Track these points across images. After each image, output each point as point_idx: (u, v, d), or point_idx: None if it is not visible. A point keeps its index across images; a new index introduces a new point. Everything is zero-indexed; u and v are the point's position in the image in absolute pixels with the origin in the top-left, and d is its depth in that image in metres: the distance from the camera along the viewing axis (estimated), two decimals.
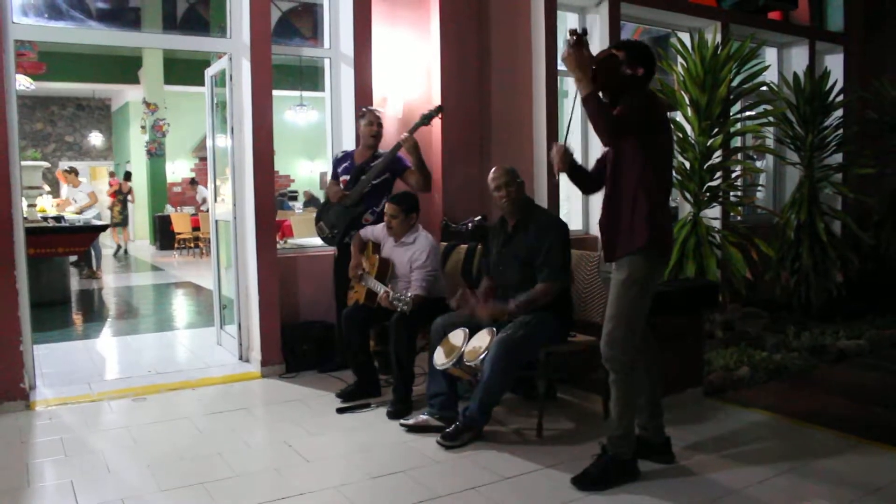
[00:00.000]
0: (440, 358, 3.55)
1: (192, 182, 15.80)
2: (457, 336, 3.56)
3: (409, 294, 3.80)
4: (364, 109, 4.72)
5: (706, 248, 5.24)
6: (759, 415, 3.86)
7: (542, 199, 5.51)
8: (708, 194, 5.42)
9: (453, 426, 3.46)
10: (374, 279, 4.13)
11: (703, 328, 4.33)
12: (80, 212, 9.96)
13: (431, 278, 4.05)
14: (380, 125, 4.64)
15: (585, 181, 3.31)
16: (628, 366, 2.96)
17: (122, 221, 14.34)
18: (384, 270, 4.17)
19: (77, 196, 10.38)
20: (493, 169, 3.67)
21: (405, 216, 4.10)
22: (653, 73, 3.00)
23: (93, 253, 10.32)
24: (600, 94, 2.87)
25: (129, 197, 14.40)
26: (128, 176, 15.30)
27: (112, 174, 16.45)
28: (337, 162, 4.80)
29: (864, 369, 4.76)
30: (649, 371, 3.13)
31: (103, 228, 9.15)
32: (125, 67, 15.47)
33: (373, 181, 4.50)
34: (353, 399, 4.12)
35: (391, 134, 5.37)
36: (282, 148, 4.91)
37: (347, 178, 4.63)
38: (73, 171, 10.67)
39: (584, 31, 2.89)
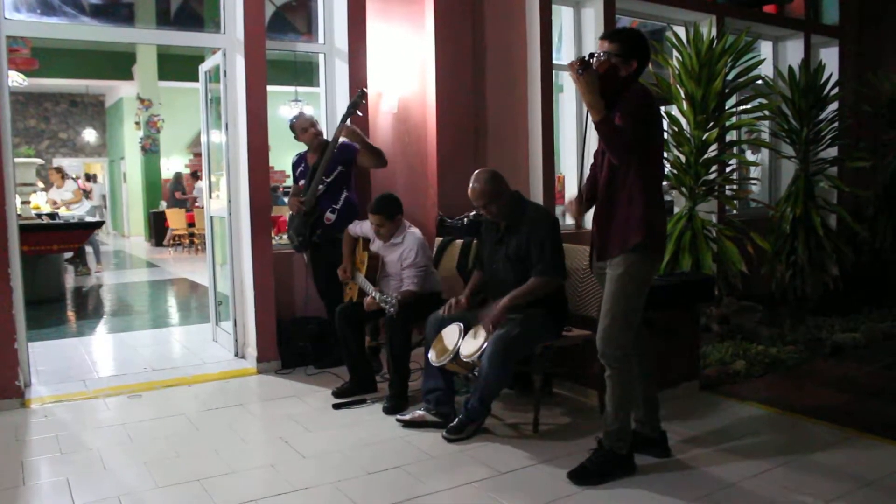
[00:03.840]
0: (436, 354, 3.55)
1: (194, 175, 15.89)
2: (452, 332, 3.56)
3: (395, 296, 3.79)
4: (291, 121, 4.70)
5: (702, 242, 5.24)
6: (755, 408, 3.88)
7: (537, 196, 5.52)
8: (703, 188, 5.42)
9: (457, 419, 3.46)
10: (364, 277, 4.13)
11: (699, 322, 4.34)
12: (65, 207, 9.98)
13: (423, 274, 4.05)
14: (313, 124, 4.65)
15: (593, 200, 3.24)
16: (624, 361, 2.96)
17: None
18: (374, 266, 4.17)
19: (64, 196, 10.39)
20: (472, 186, 3.55)
21: (391, 221, 4.09)
22: (647, 61, 2.97)
23: (89, 249, 10.30)
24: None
25: (90, 195, 14.50)
26: (88, 178, 15.47)
27: (77, 177, 16.53)
28: (294, 167, 4.84)
29: (860, 362, 4.77)
30: (643, 365, 3.14)
31: (98, 225, 9.12)
32: (119, 63, 15.41)
33: (326, 179, 4.51)
34: (350, 396, 4.12)
35: (384, 130, 5.36)
36: (277, 143, 4.91)
37: (303, 182, 4.65)
38: (59, 171, 10.69)
39: (591, 56, 2.87)
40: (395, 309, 3.75)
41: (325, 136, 4.86)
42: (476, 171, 3.62)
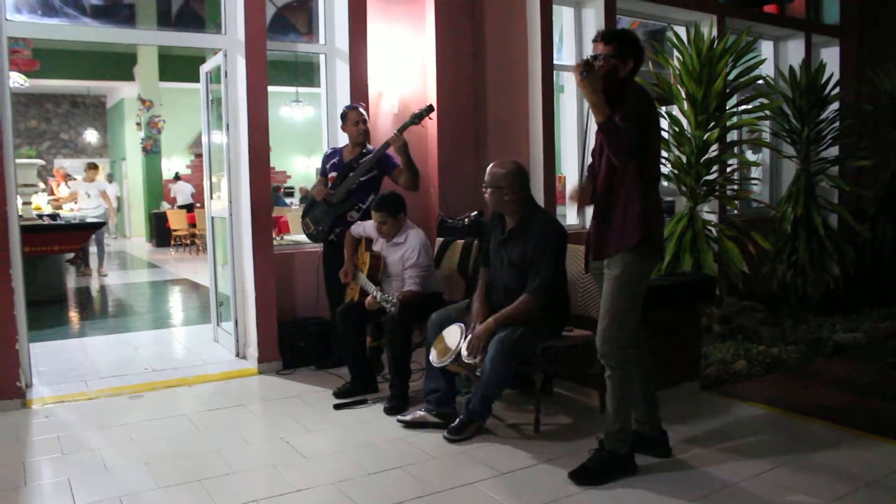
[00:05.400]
0: (437, 355, 3.55)
1: (175, 177, 16.10)
2: (453, 332, 3.56)
3: (397, 295, 3.79)
4: (346, 109, 4.65)
5: (703, 242, 5.24)
6: (756, 408, 3.87)
7: (538, 196, 5.50)
8: (704, 188, 5.42)
9: (458, 420, 3.46)
10: (366, 277, 4.12)
11: (700, 322, 4.34)
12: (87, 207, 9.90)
13: (425, 274, 4.04)
14: (365, 122, 4.61)
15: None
16: (624, 361, 2.96)
17: None
18: (376, 266, 4.16)
19: (91, 191, 10.10)
20: (491, 164, 3.55)
21: (394, 220, 4.08)
22: (642, 60, 2.98)
23: (93, 249, 10.27)
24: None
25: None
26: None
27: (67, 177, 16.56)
28: (326, 158, 4.77)
29: (861, 362, 4.76)
30: (642, 365, 3.13)
31: (100, 226, 9.11)
32: (120, 64, 15.42)
33: (360, 178, 4.48)
34: (351, 397, 4.12)
35: (385, 129, 5.36)
36: (278, 144, 4.90)
37: (335, 174, 4.59)
38: (95, 167, 10.43)
39: (595, 58, 2.87)
40: (396, 308, 3.75)
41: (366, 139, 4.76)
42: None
